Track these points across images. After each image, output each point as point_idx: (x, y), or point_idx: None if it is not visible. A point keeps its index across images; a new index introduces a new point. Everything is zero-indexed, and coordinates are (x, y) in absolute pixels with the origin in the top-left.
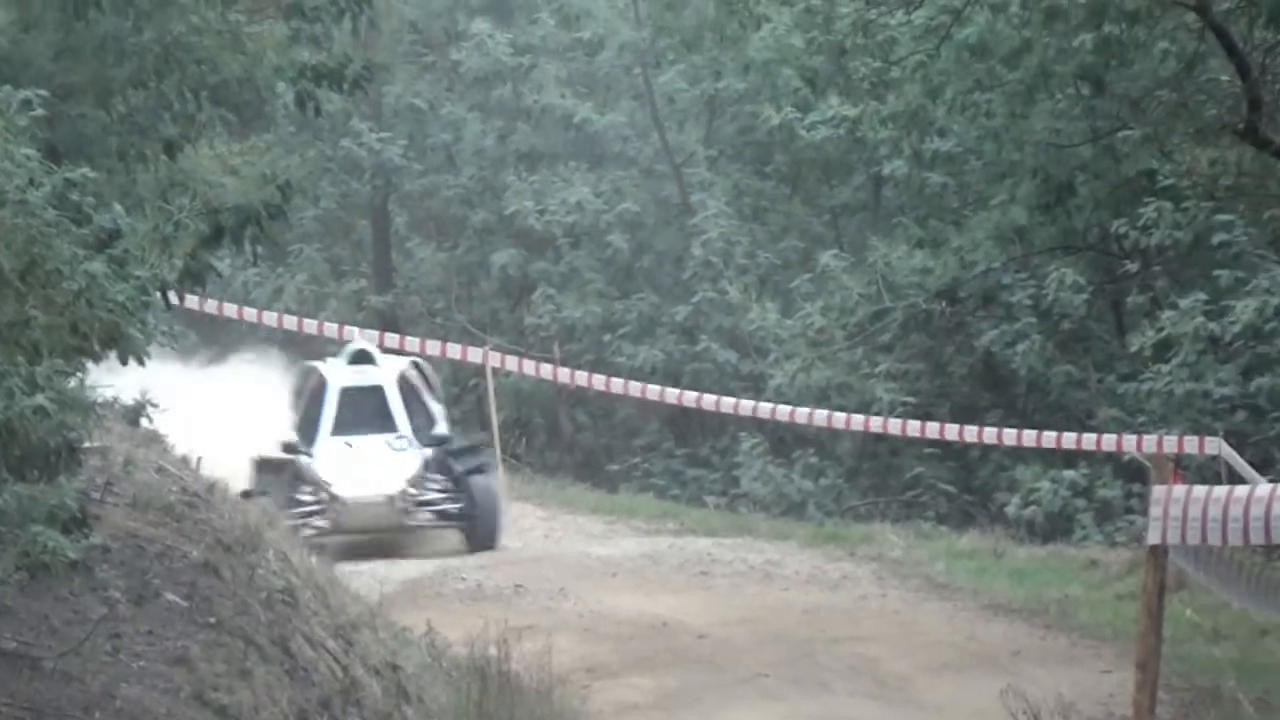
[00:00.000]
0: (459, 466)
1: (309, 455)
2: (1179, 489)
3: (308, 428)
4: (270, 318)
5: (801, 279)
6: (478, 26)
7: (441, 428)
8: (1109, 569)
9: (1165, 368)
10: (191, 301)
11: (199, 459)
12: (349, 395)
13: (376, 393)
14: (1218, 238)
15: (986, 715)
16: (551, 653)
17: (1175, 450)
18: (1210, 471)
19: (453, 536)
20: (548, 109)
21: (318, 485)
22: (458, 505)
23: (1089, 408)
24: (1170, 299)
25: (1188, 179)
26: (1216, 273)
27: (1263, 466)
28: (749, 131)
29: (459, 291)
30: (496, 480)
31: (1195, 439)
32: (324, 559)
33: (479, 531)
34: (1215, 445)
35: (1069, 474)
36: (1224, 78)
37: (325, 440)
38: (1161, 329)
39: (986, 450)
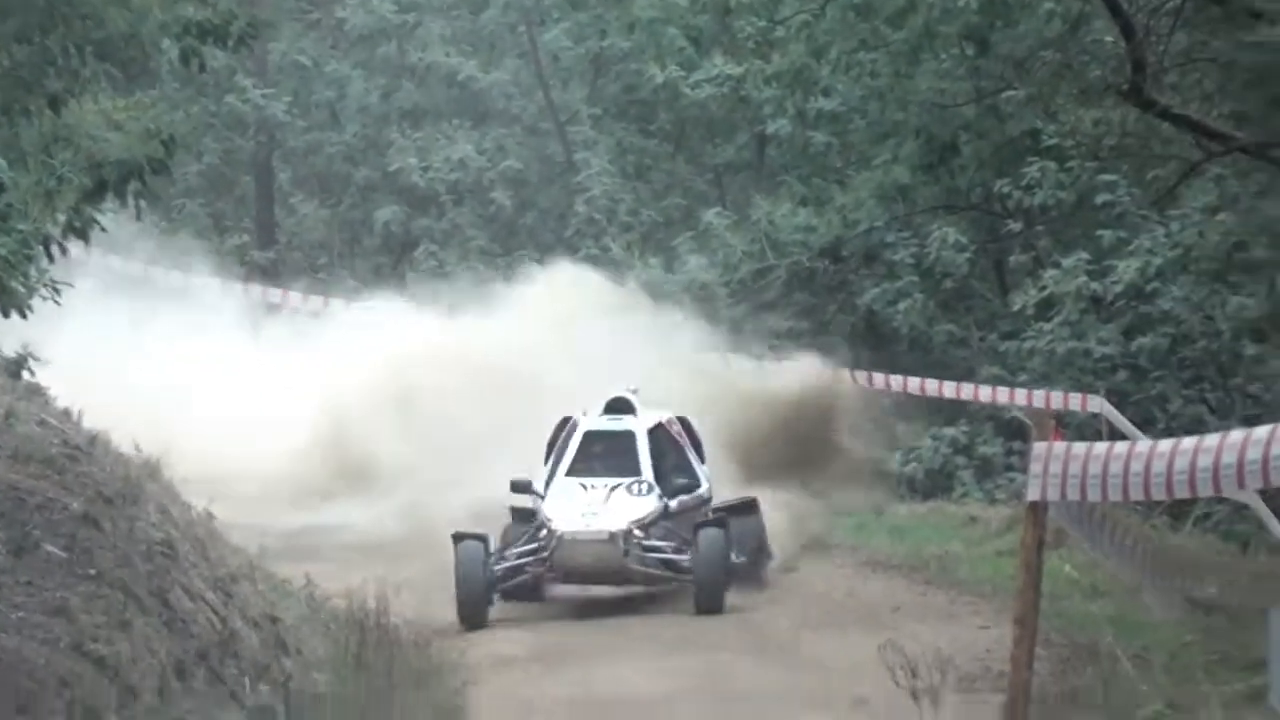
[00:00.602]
0: (698, 520)
1: (542, 496)
2: (1059, 446)
3: (552, 472)
4: None
5: (685, 237)
6: None
7: (701, 486)
8: (988, 525)
9: (1047, 326)
10: None
11: (80, 412)
12: (595, 439)
13: (624, 438)
14: (1101, 198)
15: (866, 670)
16: (430, 606)
17: (1056, 408)
18: (1091, 429)
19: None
20: (432, 66)
21: (543, 524)
22: (686, 558)
23: (971, 366)
24: (1053, 258)
25: (1071, 139)
26: (1099, 232)
27: (1143, 425)
28: (633, 90)
29: (341, 248)
30: (760, 535)
31: (1077, 397)
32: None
33: (701, 590)
34: (1096, 403)
35: (949, 431)
36: (1108, 39)
37: (559, 480)
38: (1044, 288)
39: None
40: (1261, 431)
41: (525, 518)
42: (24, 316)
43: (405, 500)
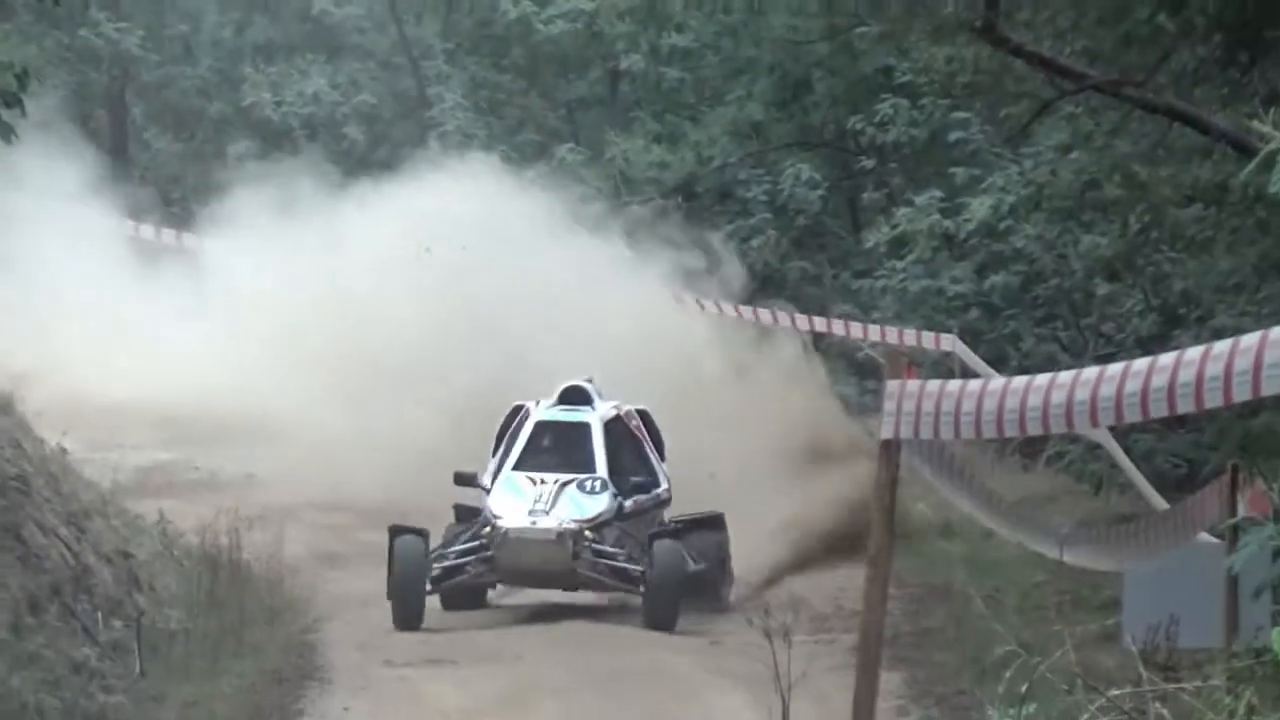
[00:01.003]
0: (653, 529)
1: (487, 489)
2: (912, 384)
3: (500, 465)
4: None
5: (538, 173)
6: None
7: (660, 486)
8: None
9: (900, 264)
10: None
11: None
12: (547, 430)
13: (579, 431)
14: (954, 135)
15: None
16: (283, 543)
17: (910, 345)
18: (944, 368)
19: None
20: (285, 0)
21: (488, 520)
22: (639, 569)
23: (823, 303)
24: (905, 196)
25: (924, 76)
26: (952, 170)
27: (996, 363)
28: (487, 25)
29: (195, 182)
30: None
31: (930, 335)
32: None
33: (653, 606)
34: (949, 342)
35: None
36: None
37: (507, 473)
38: (896, 226)
39: None
40: (1115, 368)
41: (469, 515)
42: None
43: (268, 441)
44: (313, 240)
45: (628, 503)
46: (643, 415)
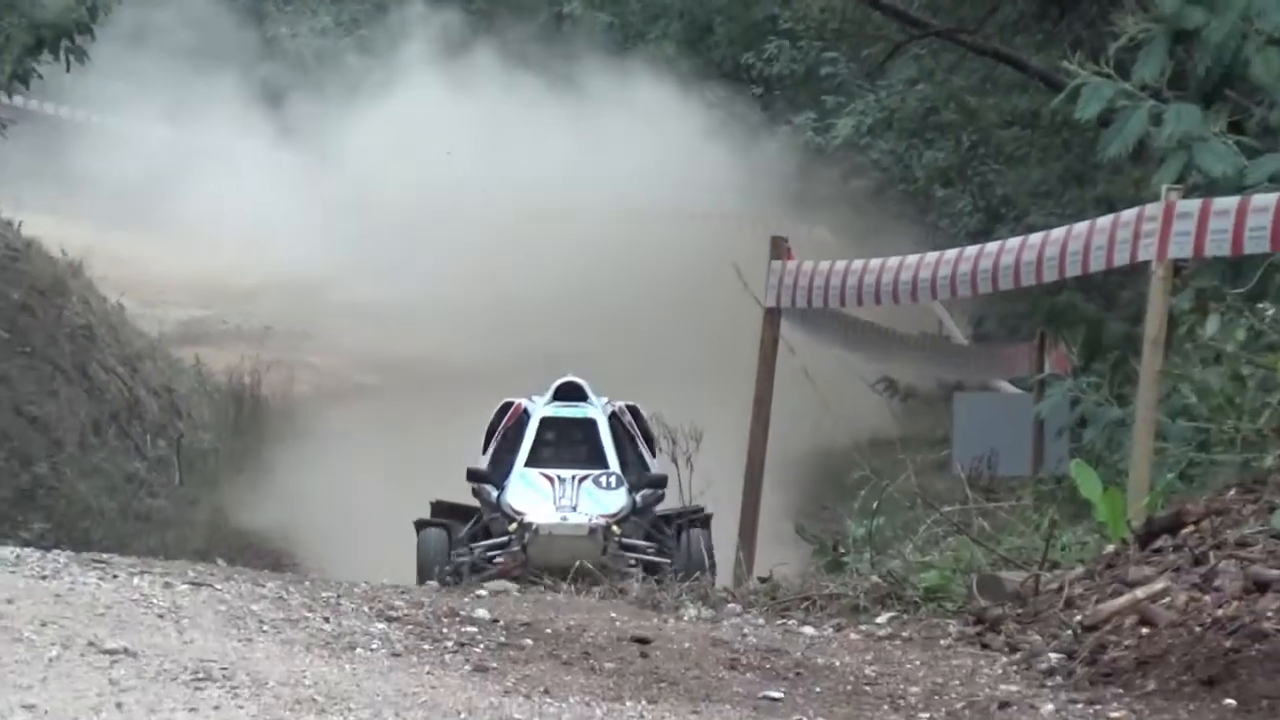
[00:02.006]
0: (677, 519)
1: (500, 488)
2: (792, 264)
3: (501, 464)
4: None
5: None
6: None
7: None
8: None
9: None
10: None
11: (19, 221)
12: (552, 427)
13: (585, 427)
14: (825, 70)
15: None
16: (293, 382)
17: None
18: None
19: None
20: None
21: (510, 516)
22: (668, 559)
23: None
24: (786, 117)
25: (803, 23)
26: (823, 97)
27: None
28: None
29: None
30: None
31: (803, 228)
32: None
33: None
34: (820, 233)
35: None
36: None
37: (521, 470)
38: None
39: None
40: (952, 253)
41: (449, 512)
42: None
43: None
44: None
45: (636, 498)
46: (633, 411)
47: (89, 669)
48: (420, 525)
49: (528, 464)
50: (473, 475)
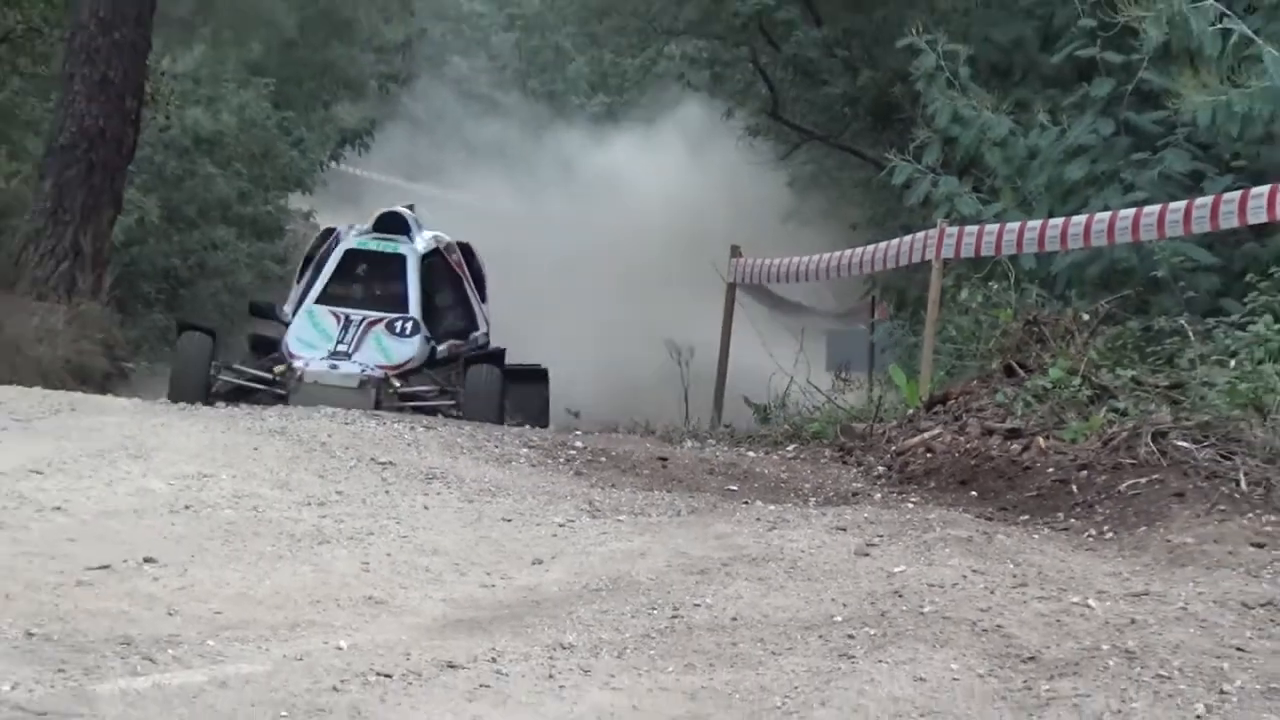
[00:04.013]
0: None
1: (285, 322)
2: (742, 260)
3: (303, 295)
4: None
5: None
6: None
7: (478, 330)
8: None
9: None
10: None
11: None
12: (358, 260)
13: (393, 263)
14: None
15: None
16: None
17: None
18: None
19: None
20: None
21: (284, 355)
22: (449, 401)
23: None
24: None
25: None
26: None
27: None
28: None
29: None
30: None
31: None
32: None
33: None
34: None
35: None
36: None
37: (309, 306)
38: None
39: None
40: (830, 254)
41: (265, 347)
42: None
43: None
44: None
45: (441, 347)
46: (465, 249)
47: (370, 473)
48: (182, 327)
49: (319, 300)
50: (255, 308)
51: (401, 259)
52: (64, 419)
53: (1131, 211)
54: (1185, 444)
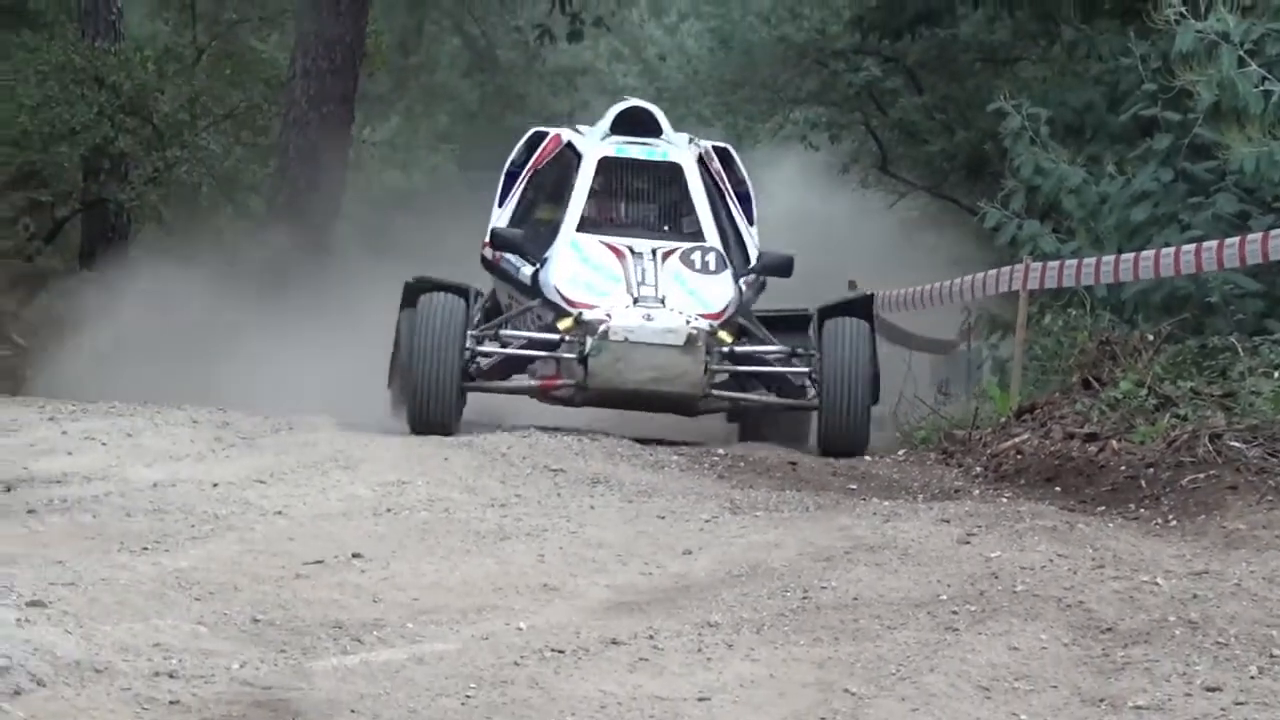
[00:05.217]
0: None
1: (538, 262)
2: None
3: (538, 223)
4: None
5: None
6: None
7: (754, 261)
8: None
9: None
10: None
11: None
12: (616, 173)
13: (665, 174)
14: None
15: None
16: None
17: None
18: None
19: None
20: None
21: (558, 306)
22: (806, 369)
23: None
24: None
25: None
26: None
27: None
28: None
29: None
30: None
31: None
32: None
33: (833, 421)
34: None
35: None
36: None
37: (571, 238)
38: None
39: None
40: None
41: (437, 287)
42: None
43: None
44: None
45: (749, 280)
46: (722, 155)
47: (544, 478)
48: (415, 288)
49: (580, 228)
50: (498, 240)
51: (675, 169)
52: (282, 436)
53: (1192, 246)
54: (1237, 444)
